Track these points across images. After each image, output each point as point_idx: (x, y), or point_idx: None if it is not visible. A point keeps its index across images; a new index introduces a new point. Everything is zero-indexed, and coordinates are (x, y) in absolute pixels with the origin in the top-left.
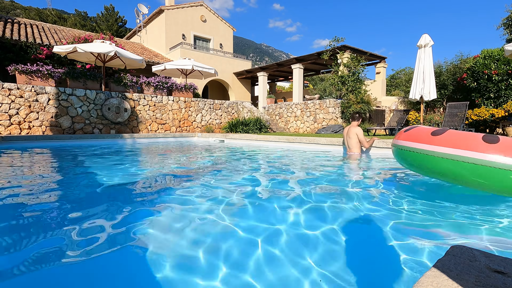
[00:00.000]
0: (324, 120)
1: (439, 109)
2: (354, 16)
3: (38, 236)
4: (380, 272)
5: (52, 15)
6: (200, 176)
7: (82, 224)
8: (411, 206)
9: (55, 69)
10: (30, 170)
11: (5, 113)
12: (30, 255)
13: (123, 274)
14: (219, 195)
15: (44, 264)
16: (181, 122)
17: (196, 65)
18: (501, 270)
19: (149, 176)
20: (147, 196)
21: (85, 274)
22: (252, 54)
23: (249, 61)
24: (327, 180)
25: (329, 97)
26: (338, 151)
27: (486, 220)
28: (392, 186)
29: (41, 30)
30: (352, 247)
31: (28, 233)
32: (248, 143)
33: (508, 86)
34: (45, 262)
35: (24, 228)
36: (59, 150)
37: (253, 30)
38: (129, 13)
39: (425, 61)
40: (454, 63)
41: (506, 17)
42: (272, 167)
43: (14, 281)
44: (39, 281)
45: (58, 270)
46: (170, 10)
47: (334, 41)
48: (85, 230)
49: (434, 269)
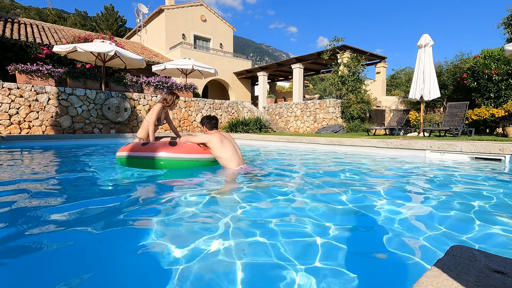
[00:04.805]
0: (324, 120)
1: (439, 109)
2: (354, 16)
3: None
4: (380, 272)
5: (52, 14)
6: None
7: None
8: (411, 206)
9: (55, 69)
10: (30, 168)
11: (5, 112)
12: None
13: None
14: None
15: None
16: (181, 121)
17: (196, 65)
18: (501, 270)
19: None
20: (150, 194)
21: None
22: (252, 54)
23: (249, 60)
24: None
25: (329, 97)
26: (338, 151)
27: (486, 220)
28: (392, 185)
29: (41, 29)
30: (351, 247)
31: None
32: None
33: (508, 86)
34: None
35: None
36: (59, 150)
37: (253, 30)
38: (129, 13)
39: (425, 61)
40: (454, 63)
41: (507, 17)
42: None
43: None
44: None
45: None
46: (170, 9)
47: (334, 40)
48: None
49: (434, 269)
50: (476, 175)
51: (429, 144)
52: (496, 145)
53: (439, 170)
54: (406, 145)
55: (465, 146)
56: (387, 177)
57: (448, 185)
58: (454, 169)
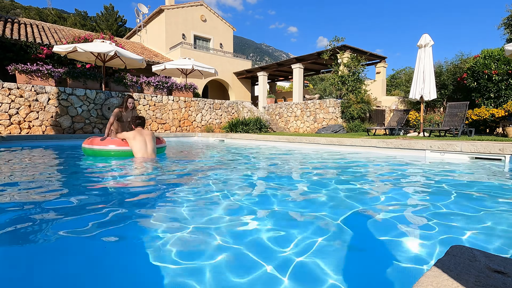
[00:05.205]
0: (324, 120)
1: (439, 109)
2: (354, 16)
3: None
4: (380, 272)
5: (52, 14)
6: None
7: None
8: (410, 206)
9: (55, 69)
10: (28, 167)
11: (5, 112)
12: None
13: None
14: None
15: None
16: (181, 121)
17: (196, 65)
18: (501, 270)
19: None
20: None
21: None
22: (252, 54)
23: (249, 60)
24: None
25: (329, 97)
26: (338, 150)
27: (486, 220)
28: (392, 185)
29: (41, 29)
30: (349, 247)
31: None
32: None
33: (508, 86)
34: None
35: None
36: (59, 149)
37: (253, 30)
38: (129, 13)
39: (425, 61)
40: (454, 63)
41: (507, 17)
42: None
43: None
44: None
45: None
46: (170, 9)
47: (334, 40)
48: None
49: (434, 269)
50: (476, 175)
51: (429, 144)
52: (496, 145)
53: (439, 170)
54: (406, 145)
55: (465, 146)
56: (386, 177)
57: (448, 185)
58: (454, 169)
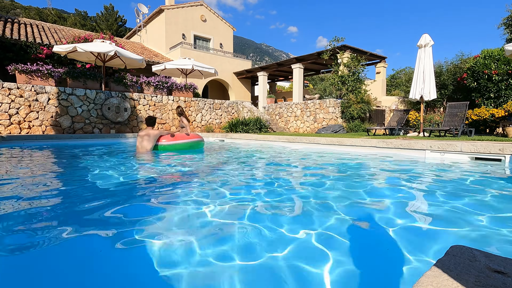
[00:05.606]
0: (324, 120)
1: (439, 109)
2: (355, 16)
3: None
4: (380, 272)
5: (52, 14)
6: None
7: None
8: (410, 206)
9: (55, 69)
10: (29, 167)
11: (5, 112)
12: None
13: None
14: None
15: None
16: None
17: (196, 65)
18: (501, 270)
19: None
20: (154, 192)
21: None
22: (252, 54)
23: (249, 60)
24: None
25: (329, 97)
26: (337, 151)
27: (486, 220)
28: (391, 185)
29: (41, 29)
30: (349, 246)
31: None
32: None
33: (508, 86)
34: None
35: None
36: (59, 149)
37: (253, 30)
38: (129, 13)
39: (425, 61)
40: (455, 63)
41: (507, 17)
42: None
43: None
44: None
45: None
46: (170, 9)
47: (334, 41)
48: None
49: (434, 269)
50: (476, 175)
51: (429, 144)
52: (496, 145)
53: (439, 170)
54: (406, 145)
55: (465, 146)
56: (386, 177)
57: (447, 185)
58: (454, 169)
